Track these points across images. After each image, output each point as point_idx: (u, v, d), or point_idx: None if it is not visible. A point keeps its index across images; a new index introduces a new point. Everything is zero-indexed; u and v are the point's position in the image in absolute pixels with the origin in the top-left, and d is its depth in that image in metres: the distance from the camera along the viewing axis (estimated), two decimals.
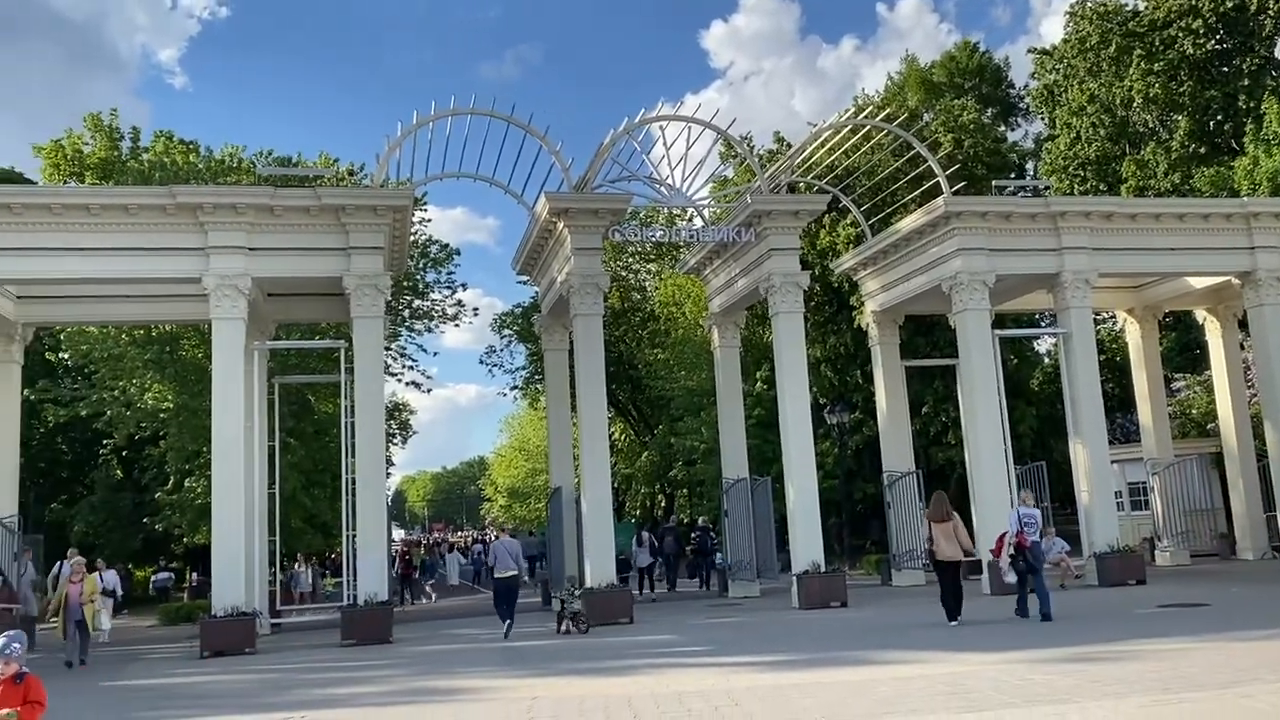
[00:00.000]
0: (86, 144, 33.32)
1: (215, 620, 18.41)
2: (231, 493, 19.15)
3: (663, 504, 52.04)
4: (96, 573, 23.12)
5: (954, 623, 15.66)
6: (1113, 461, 24.52)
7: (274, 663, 16.90)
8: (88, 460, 37.88)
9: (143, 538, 35.43)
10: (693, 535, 31.90)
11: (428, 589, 34.38)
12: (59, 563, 22.27)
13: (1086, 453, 22.67)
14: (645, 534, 31.07)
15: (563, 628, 18.29)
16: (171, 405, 29.76)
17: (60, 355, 34.07)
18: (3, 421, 22.97)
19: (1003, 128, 47.54)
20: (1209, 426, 31.50)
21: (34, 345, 26.25)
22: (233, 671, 15.79)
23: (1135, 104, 36.41)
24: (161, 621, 27.30)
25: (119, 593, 24.49)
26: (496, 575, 18.67)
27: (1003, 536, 16.92)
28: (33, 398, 31.49)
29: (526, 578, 38.39)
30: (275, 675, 15.22)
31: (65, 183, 31.57)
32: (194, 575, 36.16)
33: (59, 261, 19.53)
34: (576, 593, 19.06)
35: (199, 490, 28.97)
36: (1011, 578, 16.38)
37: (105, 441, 33.79)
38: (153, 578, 36.01)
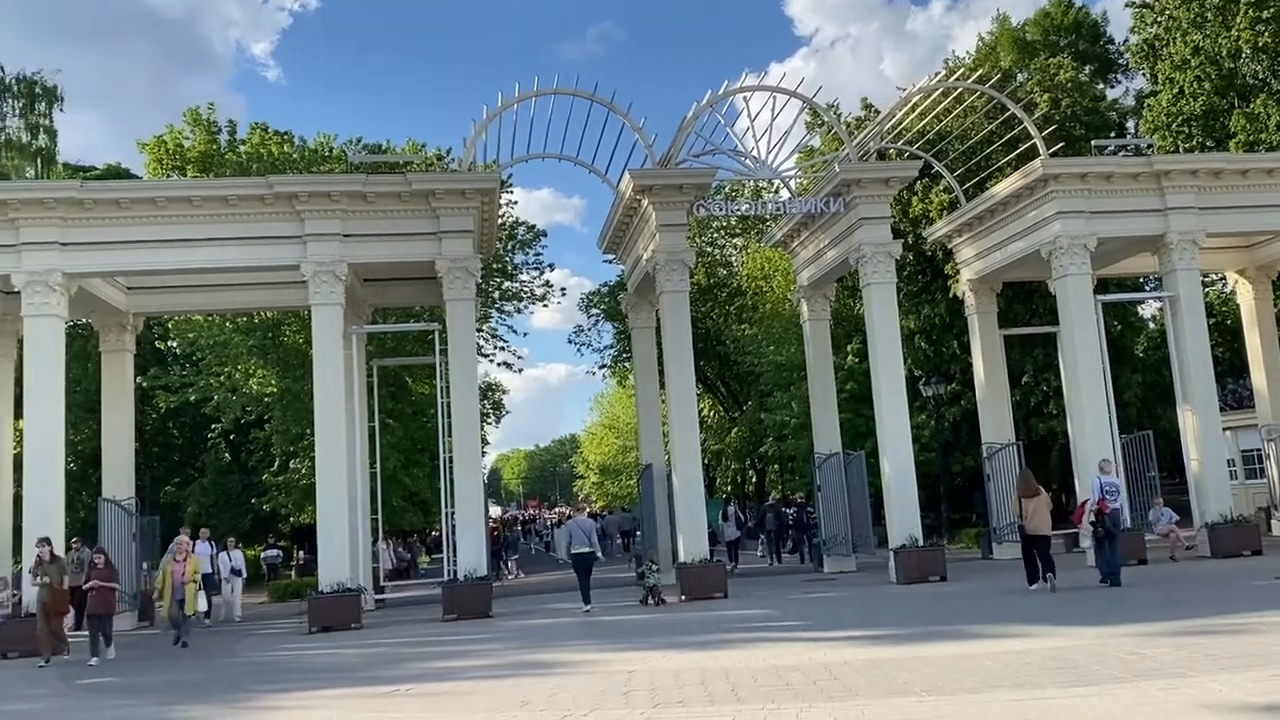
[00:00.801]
0: (187, 138, 34.43)
1: (322, 596, 19.03)
2: (335, 473, 19.71)
3: (753, 480, 51.87)
4: (225, 551, 23.77)
5: (1041, 586, 16.64)
6: (1224, 429, 23.56)
7: (379, 637, 17.39)
8: (198, 444, 39.39)
9: (251, 517, 36.73)
10: (787, 511, 32.04)
11: (510, 565, 34.50)
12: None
13: (1196, 420, 21.82)
14: (731, 509, 31.48)
15: (645, 600, 19.51)
16: (275, 389, 30.72)
17: (169, 343, 35.43)
18: (119, 408, 24.08)
19: (1101, 85, 45.67)
20: None
21: (144, 334, 27.34)
22: (340, 646, 16.29)
23: (1243, 55, 34.63)
24: (271, 598, 28.34)
25: (244, 572, 24.96)
26: (573, 551, 19.96)
27: (1084, 504, 18.04)
28: (144, 385, 32.86)
29: (619, 553, 39.18)
30: (381, 650, 15.65)
31: (168, 176, 32.70)
32: (300, 553, 37.31)
33: (165, 253, 20.25)
34: (655, 567, 20.32)
35: (304, 471, 29.91)
36: (1087, 543, 17.35)
37: (213, 426, 35.08)
38: (262, 555, 37.30)
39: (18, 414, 23.84)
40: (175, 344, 35.12)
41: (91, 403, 30.22)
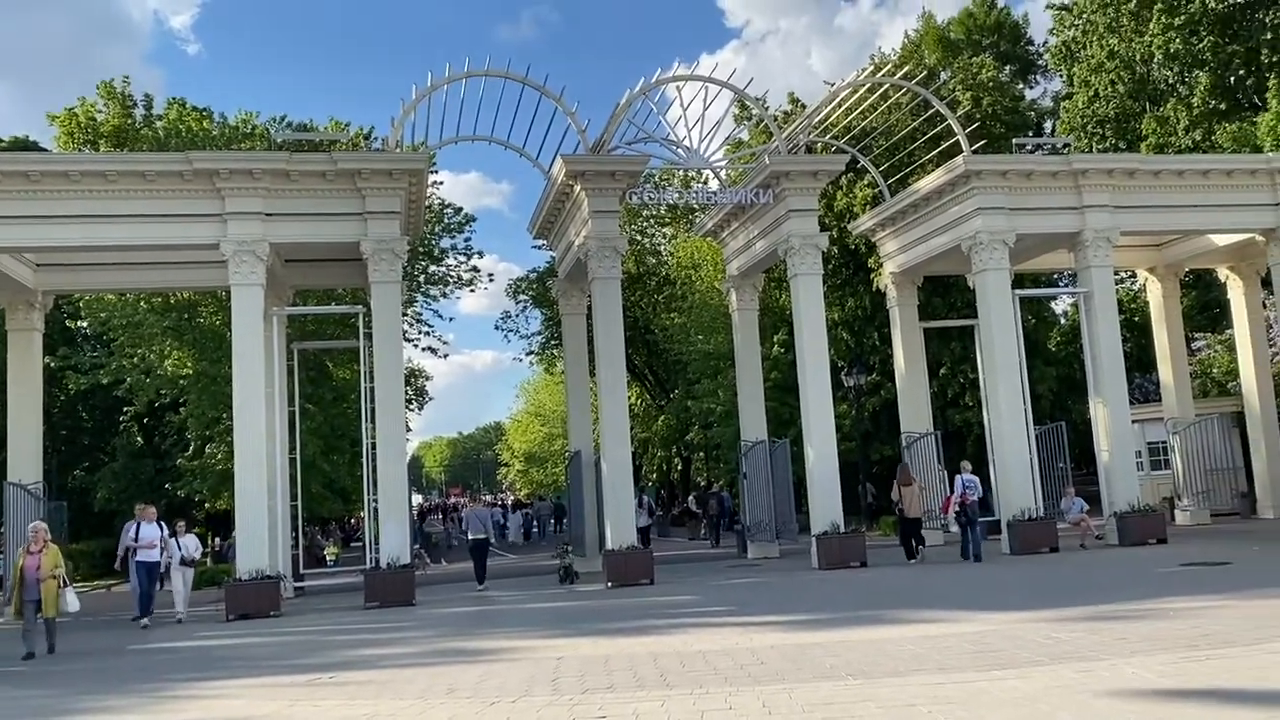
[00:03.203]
0: (99, 112, 33.22)
1: (240, 584, 18.62)
2: (253, 458, 19.26)
3: (679, 467, 52.17)
4: (175, 537, 19.50)
5: (913, 561, 20.71)
6: (1133, 421, 24.39)
7: (300, 625, 17.08)
8: (109, 427, 38.17)
9: (165, 504, 35.68)
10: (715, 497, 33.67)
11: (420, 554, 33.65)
12: (129, 525, 19.58)
13: (1107, 412, 22.56)
14: (645, 497, 32.38)
15: (562, 579, 21.39)
16: (191, 372, 29.90)
17: (80, 323, 34.22)
18: (25, 389, 23.20)
19: (1021, 86, 46.86)
20: (1230, 386, 31.27)
21: (54, 313, 26.35)
22: (260, 634, 15.95)
23: (1155, 60, 35.80)
24: None
25: (196, 560, 20.48)
26: (470, 537, 22.33)
27: (950, 497, 21.62)
28: (53, 365, 31.70)
29: (547, 541, 39.22)
30: (303, 637, 15.39)
31: (80, 151, 31.53)
32: (216, 540, 36.45)
33: (77, 229, 19.54)
34: (570, 549, 22.60)
35: (220, 456, 29.21)
36: (954, 528, 21.07)
37: (126, 409, 34.05)
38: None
39: None
40: (86, 324, 33.95)
41: None
